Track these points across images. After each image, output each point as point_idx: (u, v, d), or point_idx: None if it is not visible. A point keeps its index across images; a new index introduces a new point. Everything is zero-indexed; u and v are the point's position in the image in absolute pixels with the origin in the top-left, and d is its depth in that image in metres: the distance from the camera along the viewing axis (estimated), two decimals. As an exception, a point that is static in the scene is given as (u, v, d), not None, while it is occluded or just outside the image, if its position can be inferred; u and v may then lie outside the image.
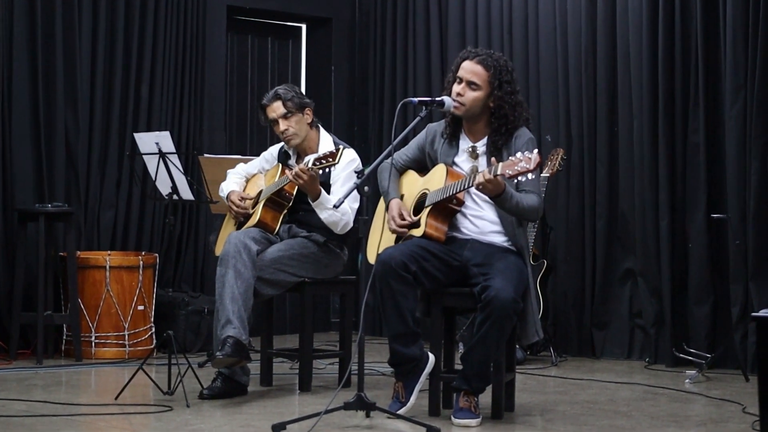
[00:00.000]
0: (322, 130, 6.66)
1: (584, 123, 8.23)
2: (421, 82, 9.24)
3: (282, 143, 6.69)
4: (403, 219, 5.72)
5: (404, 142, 5.97)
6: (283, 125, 6.51)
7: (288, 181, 6.24)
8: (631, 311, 8.07)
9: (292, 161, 6.61)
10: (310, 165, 6.01)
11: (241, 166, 6.85)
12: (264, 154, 6.84)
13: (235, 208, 6.60)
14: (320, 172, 6.05)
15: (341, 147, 6.00)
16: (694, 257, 7.66)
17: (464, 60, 5.69)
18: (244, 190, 6.70)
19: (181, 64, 8.70)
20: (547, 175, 7.82)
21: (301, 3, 9.71)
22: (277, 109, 6.53)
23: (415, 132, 6.02)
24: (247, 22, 9.56)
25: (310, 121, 6.58)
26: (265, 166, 6.76)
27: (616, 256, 8.15)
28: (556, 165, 7.88)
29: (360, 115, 9.81)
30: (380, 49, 9.65)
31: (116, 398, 6.03)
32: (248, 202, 6.57)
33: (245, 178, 6.79)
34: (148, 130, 8.15)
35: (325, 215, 6.30)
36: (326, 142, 6.59)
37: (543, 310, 7.76)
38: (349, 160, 6.41)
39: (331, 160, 5.90)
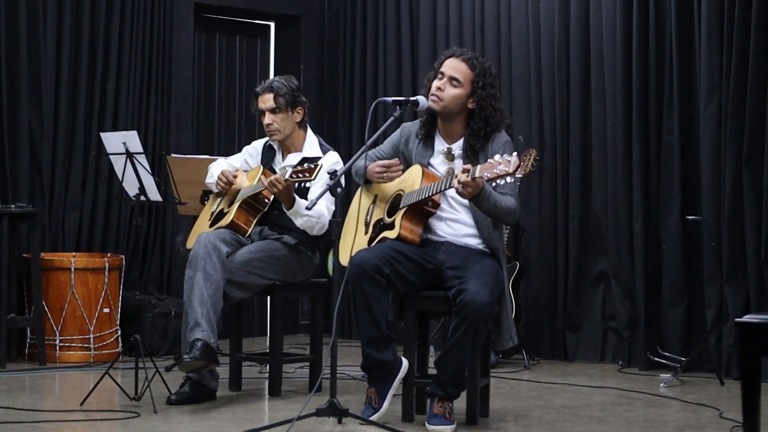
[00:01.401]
0: (309, 131, 6.56)
1: (557, 123, 8.16)
2: (392, 82, 9.14)
3: (267, 138, 6.59)
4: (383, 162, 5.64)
5: (376, 142, 5.89)
6: (268, 119, 6.41)
7: (265, 187, 6.13)
8: (604, 314, 8.00)
9: (277, 158, 6.51)
10: (287, 176, 5.90)
11: (221, 159, 6.74)
12: (247, 148, 6.73)
13: (222, 183, 6.46)
14: (296, 185, 5.96)
15: (320, 165, 5.87)
16: (668, 259, 7.60)
17: (449, 57, 5.62)
18: None
19: (148, 62, 8.56)
20: (520, 176, 7.68)
21: (270, 1, 9.59)
22: (267, 101, 6.43)
23: (385, 134, 5.93)
24: (214, 20, 9.43)
25: (299, 120, 6.48)
26: (248, 160, 6.64)
27: (589, 258, 8.07)
28: (529, 166, 7.69)
29: (329, 115, 9.70)
30: (350, 48, 9.54)
31: (82, 404, 5.91)
32: (234, 183, 6.44)
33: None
34: (114, 129, 8.00)
35: (300, 221, 6.20)
36: (312, 144, 6.50)
37: (515, 312, 7.67)
38: (333, 162, 6.31)
39: (308, 175, 5.80)
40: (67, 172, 8.11)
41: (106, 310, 7.74)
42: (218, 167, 6.61)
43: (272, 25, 9.84)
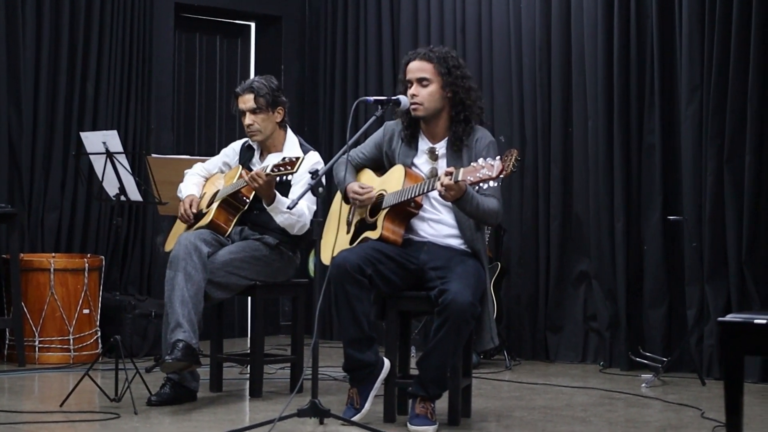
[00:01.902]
0: (289, 131, 6.53)
1: (538, 123, 8.15)
2: (373, 82, 9.12)
3: (246, 139, 6.57)
4: (363, 188, 5.61)
5: (358, 142, 5.87)
6: (248, 119, 6.38)
7: (245, 184, 6.10)
8: (585, 314, 7.99)
9: (255, 158, 6.47)
10: (268, 170, 5.87)
11: (199, 165, 6.70)
12: (225, 150, 6.69)
13: (181, 210, 6.43)
14: (277, 179, 5.93)
15: (301, 156, 5.85)
16: (650, 259, 7.60)
17: (408, 63, 5.62)
18: (202, 189, 6.55)
19: (128, 62, 8.52)
20: (501, 176, 7.70)
21: (250, 1, 9.55)
22: (247, 101, 6.40)
23: (366, 133, 5.91)
24: (194, 19, 9.39)
25: (279, 120, 6.45)
26: (226, 161, 6.61)
27: (570, 259, 8.06)
28: (510, 166, 7.70)
29: (310, 116, 9.67)
30: (331, 49, 9.51)
31: (61, 405, 5.88)
32: (196, 208, 6.42)
33: (204, 177, 6.63)
34: (94, 129, 7.96)
35: (280, 219, 6.17)
36: (292, 144, 6.47)
37: (497, 313, 7.66)
38: (314, 162, 6.28)
39: (289, 168, 5.77)
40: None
41: (86, 311, 7.70)
42: (189, 182, 6.56)
43: (253, 25, 9.80)
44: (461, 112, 5.55)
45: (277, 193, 6.09)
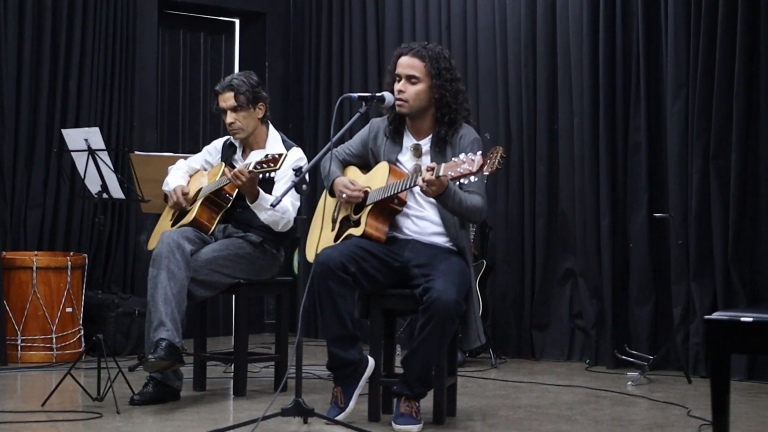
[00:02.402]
0: (271, 127, 6.48)
1: (524, 120, 8.11)
2: (358, 79, 9.08)
3: (228, 137, 6.52)
4: (354, 185, 5.56)
5: (342, 139, 5.83)
6: (230, 117, 6.33)
7: (228, 181, 6.06)
8: (571, 312, 7.97)
9: (237, 155, 6.43)
10: (251, 167, 5.83)
11: (182, 161, 6.65)
12: (207, 147, 6.64)
13: (173, 199, 6.39)
14: (260, 176, 5.89)
15: (284, 153, 5.80)
16: (636, 257, 7.58)
17: (400, 57, 5.55)
18: (187, 184, 6.51)
19: (111, 59, 8.47)
20: (486, 173, 7.63)
21: (235, -3, 9.53)
22: (227, 99, 6.34)
23: (351, 131, 5.87)
24: (178, 16, 9.34)
25: (261, 116, 6.40)
26: (208, 159, 6.56)
27: (556, 256, 8.03)
28: (495, 163, 7.65)
29: (295, 113, 9.63)
30: (315, 45, 9.47)
31: (43, 404, 5.82)
32: (188, 198, 6.38)
33: (189, 174, 6.59)
34: (77, 127, 7.91)
35: (264, 216, 6.13)
36: (274, 140, 6.43)
37: (482, 311, 7.62)
38: (297, 158, 6.24)
39: (272, 165, 5.72)
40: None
41: (69, 310, 7.65)
42: (175, 174, 6.53)
43: (237, 22, 9.76)
44: (447, 114, 5.50)
45: (261, 190, 6.04)
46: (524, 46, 8.09)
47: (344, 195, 5.57)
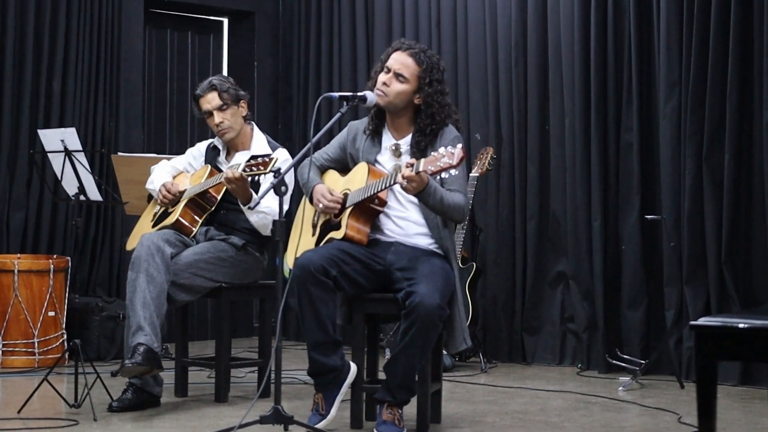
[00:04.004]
0: (255, 127, 6.38)
1: (514, 121, 7.99)
2: (347, 78, 8.96)
3: (211, 140, 6.40)
4: (332, 194, 5.42)
5: (327, 139, 5.71)
6: (218, 117, 6.22)
7: (216, 182, 5.93)
8: (562, 315, 7.84)
9: (221, 157, 6.31)
10: (241, 169, 5.70)
11: (165, 162, 6.53)
12: (191, 150, 6.53)
13: (160, 197, 6.26)
14: (249, 179, 5.78)
15: (274, 157, 5.66)
16: (628, 260, 7.45)
17: (396, 50, 5.42)
18: None
19: (95, 58, 8.35)
20: (477, 174, 7.58)
21: (223, -4, 9.41)
22: (212, 100, 6.24)
23: (332, 131, 5.74)
24: (165, 15, 9.22)
25: (244, 114, 6.31)
26: (192, 163, 6.44)
27: (547, 259, 7.91)
28: (486, 164, 7.64)
29: (284, 112, 9.52)
30: (304, 44, 9.36)
31: (19, 411, 5.70)
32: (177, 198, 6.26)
33: (172, 174, 6.46)
34: (61, 127, 7.78)
35: (254, 218, 6.03)
36: (259, 140, 6.33)
37: (472, 314, 7.51)
38: (284, 159, 6.12)
39: (263, 168, 5.60)
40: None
41: (51, 314, 7.52)
42: (160, 172, 6.42)
43: (225, 21, 9.64)
44: (429, 126, 5.35)
45: (253, 192, 5.93)
46: (515, 45, 7.96)
47: (320, 205, 5.44)
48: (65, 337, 7.59)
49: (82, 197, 6.02)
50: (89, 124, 8.25)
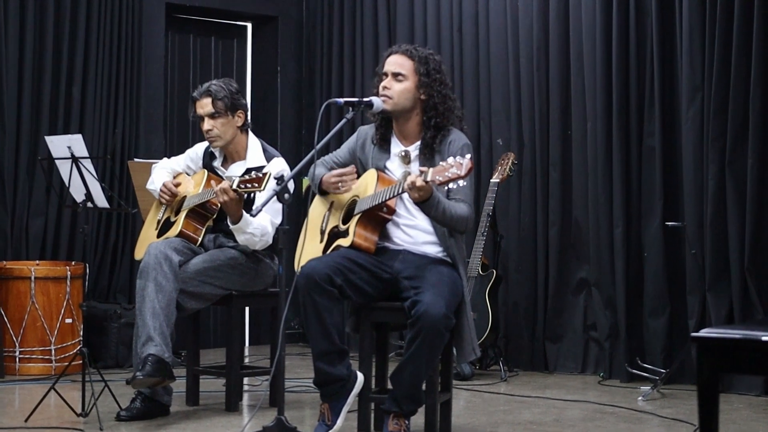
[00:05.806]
0: (251, 135, 6.28)
1: (536, 126, 7.89)
2: (369, 83, 8.86)
3: (207, 143, 6.32)
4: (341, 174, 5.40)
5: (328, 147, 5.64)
6: (207, 124, 6.14)
7: (213, 195, 5.86)
8: (585, 323, 7.72)
9: (217, 163, 6.24)
10: (234, 185, 5.62)
11: (165, 161, 6.48)
12: (189, 152, 6.45)
13: (160, 195, 6.21)
14: (244, 196, 5.70)
15: (268, 173, 5.57)
16: (650, 267, 7.32)
17: (389, 55, 5.40)
18: None
19: (116, 64, 8.30)
20: (498, 180, 7.49)
21: (246, 1, 9.34)
22: (205, 106, 6.16)
23: (340, 137, 5.67)
24: (188, 20, 9.17)
25: (240, 124, 6.19)
26: (190, 165, 6.38)
27: (569, 266, 7.79)
28: (507, 170, 7.54)
29: (308, 118, 9.45)
30: (328, 49, 9.30)
31: (26, 420, 5.65)
32: (177, 194, 6.21)
33: (172, 175, 6.40)
34: (81, 134, 7.75)
35: (242, 238, 5.91)
36: (255, 149, 6.21)
37: (493, 322, 7.41)
38: (279, 169, 6.04)
39: (256, 185, 5.53)
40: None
41: (69, 321, 7.49)
42: (160, 172, 6.36)
43: (249, 26, 9.59)
44: (433, 118, 5.29)
45: (245, 212, 5.83)
46: (536, 49, 7.86)
47: (332, 179, 5.40)
48: (82, 344, 7.54)
49: (89, 204, 5.97)
50: (109, 131, 8.20)
